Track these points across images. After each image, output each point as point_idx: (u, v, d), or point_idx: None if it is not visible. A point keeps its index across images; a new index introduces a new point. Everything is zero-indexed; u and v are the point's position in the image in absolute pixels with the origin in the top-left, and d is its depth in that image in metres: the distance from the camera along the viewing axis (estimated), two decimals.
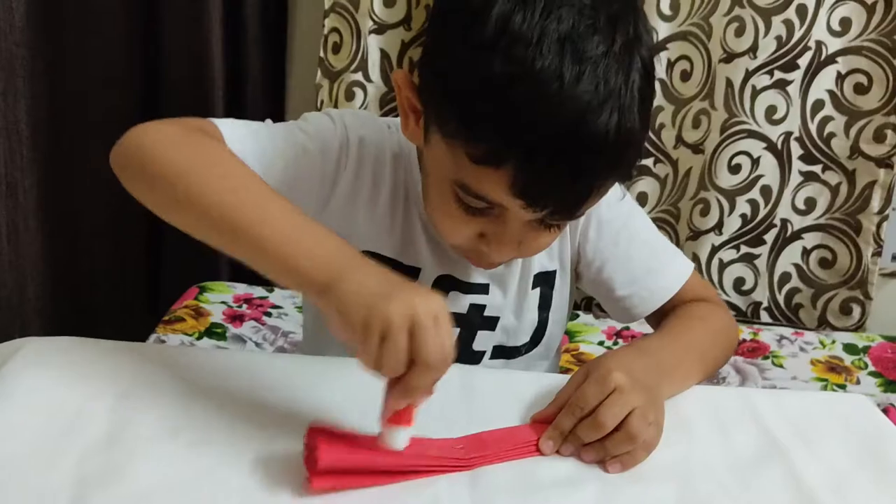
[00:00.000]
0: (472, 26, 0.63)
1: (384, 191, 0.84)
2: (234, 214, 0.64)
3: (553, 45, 0.61)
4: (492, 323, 0.89)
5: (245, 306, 1.49)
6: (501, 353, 0.91)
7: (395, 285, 0.59)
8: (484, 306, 0.88)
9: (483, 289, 0.87)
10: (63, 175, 1.65)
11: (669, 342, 0.80)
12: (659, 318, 0.90)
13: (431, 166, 0.75)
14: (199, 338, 1.36)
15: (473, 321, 0.88)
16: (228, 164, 0.69)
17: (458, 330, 0.84)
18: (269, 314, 1.47)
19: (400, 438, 0.61)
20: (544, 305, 0.91)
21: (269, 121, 0.83)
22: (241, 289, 1.55)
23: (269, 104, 1.67)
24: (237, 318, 1.44)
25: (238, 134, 0.76)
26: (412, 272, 0.85)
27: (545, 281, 0.90)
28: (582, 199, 0.68)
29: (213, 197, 0.65)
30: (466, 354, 0.89)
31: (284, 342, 1.39)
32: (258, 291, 1.54)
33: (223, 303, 1.48)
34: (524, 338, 0.91)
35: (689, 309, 0.87)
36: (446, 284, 0.86)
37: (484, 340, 0.90)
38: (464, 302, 0.87)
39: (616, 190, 0.86)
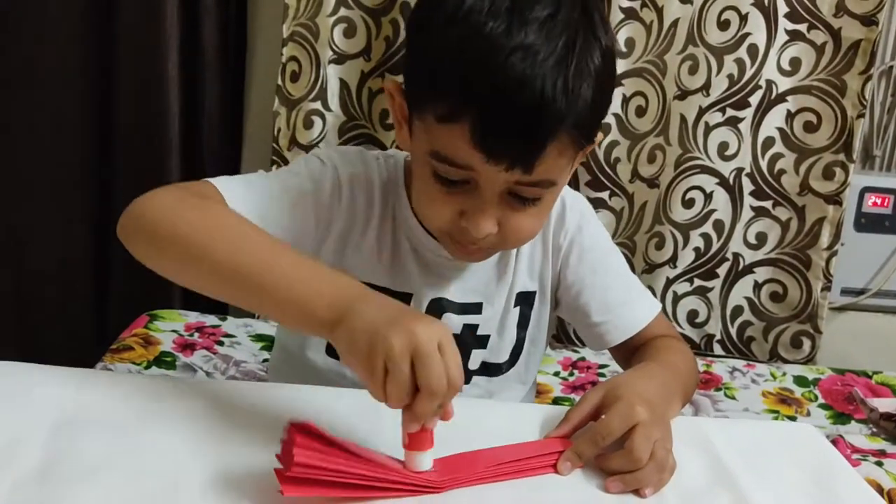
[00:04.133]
0: (436, 10, 0.72)
1: (373, 221, 0.87)
2: (240, 267, 0.68)
3: (502, 12, 0.68)
4: (484, 341, 0.92)
5: (197, 335, 1.46)
6: (486, 370, 0.94)
7: (398, 313, 0.62)
8: (477, 325, 0.90)
9: (476, 308, 0.90)
10: (9, 199, 1.63)
11: (664, 370, 0.83)
12: (626, 352, 0.94)
13: (414, 155, 0.79)
14: (147, 367, 1.33)
15: (467, 341, 0.90)
16: (230, 221, 0.73)
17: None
18: (221, 343, 1.45)
19: (421, 462, 0.63)
20: (523, 324, 0.94)
21: (261, 171, 0.86)
22: (193, 317, 1.52)
23: (227, 130, 1.66)
24: (188, 347, 1.41)
25: (236, 191, 0.79)
26: (404, 298, 0.87)
27: (525, 300, 0.93)
28: (536, 150, 0.70)
29: (219, 253, 0.68)
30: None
31: (236, 371, 1.37)
32: (210, 320, 1.52)
33: (174, 331, 1.45)
34: (504, 355, 0.94)
35: (664, 342, 0.92)
36: (439, 307, 0.88)
37: (476, 358, 0.92)
38: (457, 323, 0.89)
39: (598, 225, 0.94)
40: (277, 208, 0.80)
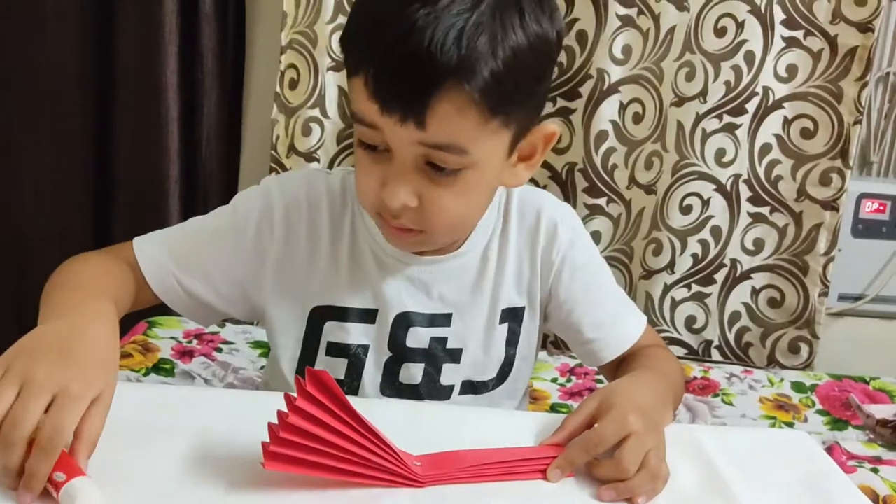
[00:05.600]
0: None
1: (322, 241, 0.86)
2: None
3: None
4: (456, 355, 0.90)
5: (195, 342, 1.46)
6: (470, 388, 0.92)
7: (67, 350, 0.64)
8: (446, 339, 0.89)
9: (444, 320, 0.89)
10: (10, 203, 1.63)
11: (657, 378, 0.83)
12: (613, 365, 0.94)
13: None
14: (146, 374, 1.34)
15: (436, 354, 0.89)
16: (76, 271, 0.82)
17: (422, 365, 0.88)
18: (219, 350, 1.45)
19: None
20: (512, 341, 0.93)
21: (192, 219, 0.90)
22: (192, 324, 1.52)
23: (225, 138, 1.66)
24: (186, 354, 1.41)
25: (147, 248, 0.86)
26: (370, 315, 0.87)
27: (513, 317, 0.92)
28: (422, 98, 0.69)
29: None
30: (435, 390, 0.91)
31: (234, 378, 1.37)
32: (209, 327, 1.52)
33: (172, 338, 1.45)
34: (491, 373, 0.93)
35: (653, 351, 0.93)
36: (405, 321, 0.88)
37: (451, 374, 0.91)
38: (424, 336, 0.88)
39: (588, 239, 0.95)
40: (194, 254, 0.85)
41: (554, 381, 1.50)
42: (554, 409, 1.41)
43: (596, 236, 1.66)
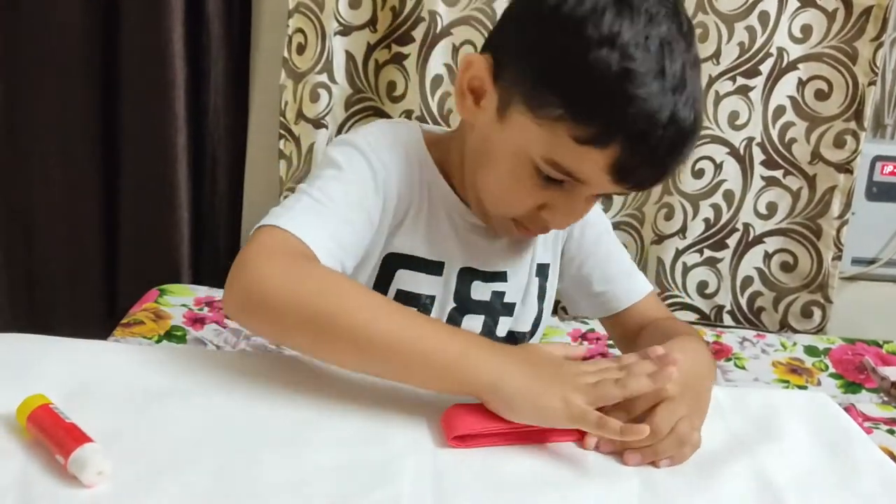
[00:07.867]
0: (585, 27, 0.72)
1: (413, 193, 0.87)
2: (385, 340, 0.68)
3: (656, 47, 0.71)
4: (511, 309, 0.94)
5: (206, 309, 1.46)
6: (512, 339, 0.96)
7: (542, 380, 0.67)
8: (504, 293, 0.93)
9: (502, 276, 0.92)
10: (17, 175, 1.63)
11: (698, 345, 0.82)
12: (624, 328, 0.97)
13: (505, 145, 0.79)
14: (158, 341, 1.34)
15: (496, 307, 0.93)
16: (349, 291, 0.72)
17: (483, 317, 0.91)
18: (230, 316, 1.45)
19: None
20: (541, 296, 0.97)
21: (321, 189, 0.81)
22: (203, 291, 1.52)
23: (233, 105, 1.65)
24: (198, 321, 1.41)
25: (319, 238, 0.76)
26: (437, 266, 0.89)
27: (542, 272, 0.97)
28: (666, 175, 0.77)
29: (358, 329, 0.68)
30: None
31: (246, 345, 1.37)
32: (220, 294, 1.52)
33: (184, 305, 1.45)
34: (528, 325, 0.97)
35: (673, 322, 0.95)
36: (469, 275, 0.90)
37: (503, 327, 0.95)
38: (486, 290, 0.91)
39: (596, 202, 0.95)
40: (349, 232, 0.80)
41: None
42: None
43: (607, 201, 1.64)
